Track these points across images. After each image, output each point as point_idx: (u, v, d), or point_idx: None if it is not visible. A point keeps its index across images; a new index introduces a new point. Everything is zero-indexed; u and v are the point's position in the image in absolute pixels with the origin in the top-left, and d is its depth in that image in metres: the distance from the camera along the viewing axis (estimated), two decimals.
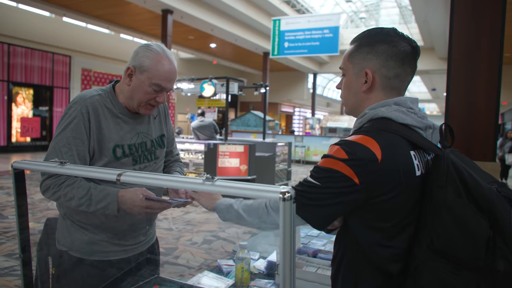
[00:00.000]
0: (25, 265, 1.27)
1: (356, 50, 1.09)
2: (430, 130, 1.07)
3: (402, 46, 1.05)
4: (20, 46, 14.31)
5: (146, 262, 1.63)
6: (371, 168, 0.92)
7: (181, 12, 12.36)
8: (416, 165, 0.98)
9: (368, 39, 1.08)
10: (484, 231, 0.87)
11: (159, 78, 1.42)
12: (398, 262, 0.98)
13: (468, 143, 2.21)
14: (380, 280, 0.99)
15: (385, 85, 1.07)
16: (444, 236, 0.91)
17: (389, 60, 1.05)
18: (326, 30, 13.26)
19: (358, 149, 0.93)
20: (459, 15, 2.24)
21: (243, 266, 1.63)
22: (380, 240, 0.97)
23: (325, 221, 0.99)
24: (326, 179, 0.95)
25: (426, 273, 0.93)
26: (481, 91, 2.19)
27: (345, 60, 1.13)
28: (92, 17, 13.66)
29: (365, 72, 1.07)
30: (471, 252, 0.89)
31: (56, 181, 1.36)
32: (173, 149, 1.78)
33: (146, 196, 1.30)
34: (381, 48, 1.05)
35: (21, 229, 1.23)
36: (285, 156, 9.64)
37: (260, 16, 15.16)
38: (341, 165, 0.93)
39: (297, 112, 30.63)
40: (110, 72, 17.63)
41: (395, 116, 1.01)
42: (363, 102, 1.10)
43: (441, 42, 15.08)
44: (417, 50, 1.07)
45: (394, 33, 1.06)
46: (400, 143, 0.98)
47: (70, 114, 1.40)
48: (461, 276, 0.90)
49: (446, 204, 0.91)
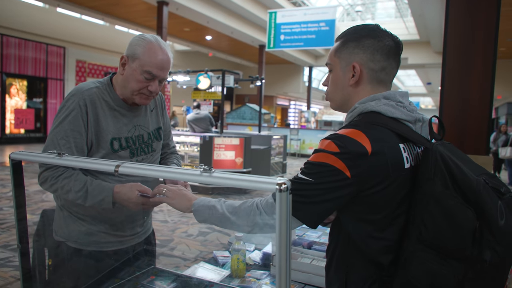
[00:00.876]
0: (23, 255, 1.28)
1: (343, 45, 1.12)
2: (419, 123, 1.08)
3: (387, 40, 1.08)
4: (14, 36, 14.16)
5: (142, 253, 1.64)
6: (362, 161, 0.93)
7: (177, 4, 12.27)
8: (405, 158, 1.00)
9: (354, 34, 1.11)
10: (470, 222, 0.89)
11: (150, 66, 1.42)
12: (389, 253, 1.00)
13: (462, 136, 2.23)
14: (372, 271, 1.01)
15: (372, 78, 1.10)
16: (431, 227, 0.93)
17: (375, 54, 1.08)
18: (322, 23, 13.22)
19: (349, 142, 0.95)
20: (455, 8, 2.25)
21: (239, 257, 1.64)
22: (371, 232, 0.99)
23: (320, 218, 0.99)
24: (318, 174, 0.95)
25: (415, 263, 0.95)
26: (476, 85, 2.21)
27: (332, 56, 1.15)
28: (87, 8, 13.52)
29: (353, 66, 1.09)
30: (458, 243, 0.90)
31: (53, 173, 1.37)
32: (169, 142, 1.78)
33: (141, 193, 1.31)
34: (368, 42, 1.08)
35: (19, 220, 1.23)
36: (280, 149, 9.65)
37: (256, 8, 15.08)
38: (333, 158, 0.94)
39: (293, 105, 30.61)
40: (105, 64, 17.50)
41: (384, 110, 1.03)
42: (351, 96, 1.12)
43: (437, 36, 15.10)
44: (400, 46, 1.11)
45: (378, 29, 1.10)
46: (388, 136, 0.99)
47: (68, 106, 1.40)
48: (449, 266, 0.92)
49: (434, 196, 0.93)
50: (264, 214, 1.02)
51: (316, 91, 28.45)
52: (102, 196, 1.34)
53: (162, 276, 1.53)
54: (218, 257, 1.85)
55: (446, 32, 2.28)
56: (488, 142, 2.21)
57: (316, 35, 13.33)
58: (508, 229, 0.89)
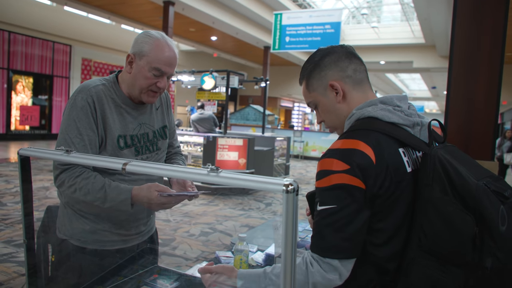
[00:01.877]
0: (29, 250, 1.29)
1: (308, 80, 1.15)
2: (418, 127, 1.07)
3: (338, 49, 1.12)
4: (21, 34, 14.24)
5: (146, 251, 1.65)
6: (370, 171, 0.93)
7: (183, 4, 12.30)
8: (406, 162, 0.99)
9: (309, 65, 1.14)
10: (469, 228, 0.88)
11: (159, 62, 1.42)
12: (395, 259, 1.00)
13: (467, 141, 2.22)
14: (375, 275, 1.00)
15: (353, 83, 1.11)
16: (430, 233, 0.92)
17: (339, 64, 1.10)
18: (328, 25, 13.21)
19: (355, 155, 0.94)
20: (461, 13, 2.25)
21: (242, 258, 1.64)
22: (380, 239, 0.98)
23: (360, 244, 0.95)
24: (338, 197, 0.92)
25: (415, 270, 0.95)
26: (482, 90, 2.20)
27: (307, 95, 1.17)
28: (93, 7, 13.58)
29: (330, 85, 1.11)
30: (457, 249, 0.89)
31: (70, 174, 1.35)
32: (173, 141, 1.78)
33: (161, 193, 1.31)
34: (326, 60, 1.11)
35: (25, 215, 1.24)
36: (283, 150, 9.65)
37: (262, 10, 15.09)
38: (347, 177, 0.92)
39: (297, 107, 30.58)
40: (110, 62, 17.56)
41: (381, 115, 1.03)
42: (345, 110, 1.12)
43: (442, 40, 15.05)
44: (350, 48, 1.13)
45: (323, 48, 1.14)
46: (386, 141, 0.98)
47: (77, 103, 1.39)
48: (449, 273, 0.91)
49: (432, 202, 0.92)
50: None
51: None
52: (121, 198, 1.33)
53: (165, 275, 1.54)
54: (221, 257, 1.85)
55: (452, 36, 2.27)
56: (493, 147, 2.20)
57: (321, 38, 13.32)
58: (510, 235, 0.87)
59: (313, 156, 14.82)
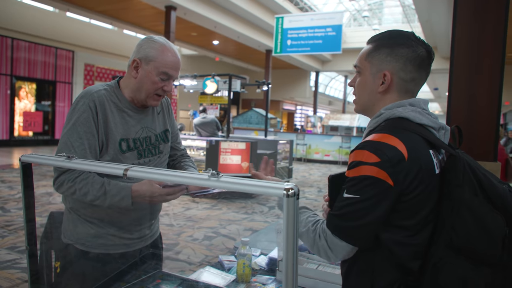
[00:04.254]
0: (31, 256, 1.29)
1: (375, 50, 1.10)
2: (442, 131, 1.08)
3: (420, 50, 1.07)
4: (24, 40, 14.33)
5: (149, 257, 1.65)
6: (401, 167, 0.93)
7: (185, 9, 12.35)
8: (435, 163, 1.00)
9: (389, 40, 1.09)
10: (501, 228, 0.91)
11: (166, 66, 1.46)
12: (418, 259, 1.00)
13: (470, 142, 2.22)
14: (398, 275, 1.01)
15: (401, 88, 1.09)
16: (463, 233, 0.93)
17: (407, 64, 1.06)
18: (329, 28, 13.24)
19: (386, 149, 0.94)
20: (462, 14, 2.25)
21: (245, 262, 1.64)
22: (403, 238, 0.98)
23: (373, 235, 0.99)
24: (363, 189, 0.95)
25: (445, 270, 0.95)
26: (483, 91, 2.19)
27: (362, 59, 1.13)
28: (95, 13, 13.67)
29: (384, 74, 1.08)
30: (489, 249, 0.92)
31: (69, 176, 1.38)
32: (178, 144, 1.79)
33: (163, 184, 1.33)
34: (401, 51, 1.06)
35: (27, 221, 1.25)
36: (286, 154, 9.64)
37: (263, 13, 15.14)
38: (375, 169, 0.93)
39: (299, 110, 30.61)
40: (113, 68, 17.64)
41: (413, 116, 1.03)
42: (377, 102, 1.11)
43: (444, 42, 15.04)
44: (431, 55, 1.10)
45: (414, 37, 1.08)
46: (419, 142, 0.99)
47: (78, 108, 1.42)
48: (479, 272, 0.93)
49: (464, 203, 0.94)
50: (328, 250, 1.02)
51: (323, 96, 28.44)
52: (121, 195, 1.35)
53: (168, 280, 1.54)
54: (224, 261, 1.85)
55: (453, 37, 2.27)
56: (496, 148, 2.20)
57: (323, 40, 13.35)
58: None
59: (316, 158, 14.80)
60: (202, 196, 7.02)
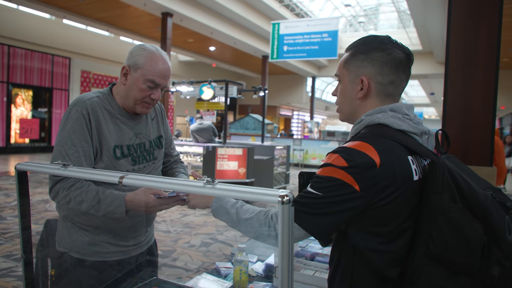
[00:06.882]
0: (26, 265, 1.28)
1: (352, 57, 1.11)
2: (425, 136, 1.08)
3: (397, 53, 1.07)
4: (20, 47, 14.32)
5: (145, 264, 1.64)
6: (370, 174, 0.93)
7: (181, 15, 12.39)
8: (414, 170, 0.99)
9: (363, 46, 1.10)
10: (479, 237, 0.88)
11: (153, 74, 1.45)
12: (396, 267, 0.99)
13: (466, 147, 2.23)
14: (377, 283, 1.00)
15: (380, 92, 1.09)
16: (439, 241, 0.92)
17: (384, 67, 1.07)
18: (325, 34, 13.29)
19: (357, 155, 0.95)
20: (457, 19, 2.27)
21: (241, 269, 1.64)
22: (378, 245, 0.98)
23: (328, 231, 0.99)
24: (326, 188, 0.96)
25: (422, 278, 0.94)
26: (478, 96, 2.21)
27: (341, 67, 1.15)
28: (92, 20, 13.68)
29: (361, 79, 1.09)
30: (467, 258, 0.89)
31: (64, 184, 1.37)
32: (172, 150, 1.80)
33: (157, 195, 1.32)
34: (376, 55, 1.07)
35: (23, 229, 1.24)
36: (283, 159, 9.65)
37: (260, 19, 15.20)
38: (341, 173, 0.94)
39: (296, 115, 30.65)
40: (109, 74, 17.64)
41: (391, 122, 1.03)
42: (358, 109, 1.12)
43: (440, 47, 15.14)
44: (410, 57, 1.10)
45: (388, 41, 1.09)
46: (396, 148, 0.99)
47: (71, 116, 1.42)
48: (456, 282, 0.91)
49: (442, 210, 0.92)
50: (273, 230, 1.03)
51: (319, 102, 28.49)
52: (115, 205, 1.34)
53: (164, 287, 1.53)
54: (221, 268, 1.84)
55: (448, 42, 2.29)
56: (492, 152, 2.20)
57: (319, 46, 13.40)
58: None
59: (313, 164, 14.81)
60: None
